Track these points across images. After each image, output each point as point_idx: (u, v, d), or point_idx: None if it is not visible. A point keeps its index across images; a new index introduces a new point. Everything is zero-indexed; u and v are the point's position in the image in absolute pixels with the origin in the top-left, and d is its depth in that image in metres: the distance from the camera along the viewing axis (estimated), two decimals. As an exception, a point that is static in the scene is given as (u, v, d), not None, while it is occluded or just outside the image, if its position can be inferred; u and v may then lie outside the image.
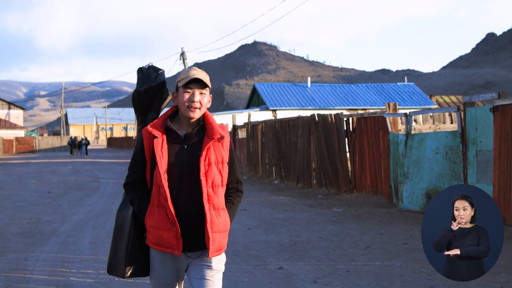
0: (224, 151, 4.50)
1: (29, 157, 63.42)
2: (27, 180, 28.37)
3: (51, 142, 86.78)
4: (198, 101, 4.42)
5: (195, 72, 4.45)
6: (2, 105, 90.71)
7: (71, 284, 8.32)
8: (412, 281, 8.38)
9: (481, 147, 13.62)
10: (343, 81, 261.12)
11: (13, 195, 21.10)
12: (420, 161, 15.48)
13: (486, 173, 13.43)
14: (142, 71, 4.95)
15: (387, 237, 11.91)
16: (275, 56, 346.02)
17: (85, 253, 10.56)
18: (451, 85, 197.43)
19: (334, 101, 48.85)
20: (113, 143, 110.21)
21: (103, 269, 9.20)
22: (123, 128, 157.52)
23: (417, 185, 15.49)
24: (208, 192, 4.35)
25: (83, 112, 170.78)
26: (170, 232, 4.29)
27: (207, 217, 4.30)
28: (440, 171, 14.93)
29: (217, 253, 4.40)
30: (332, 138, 20.44)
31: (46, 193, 21.66)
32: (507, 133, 12.70)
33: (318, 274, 8.86)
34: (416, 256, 10.03)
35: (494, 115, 13.09)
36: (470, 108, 14.12)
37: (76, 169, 37.46)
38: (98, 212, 16.37)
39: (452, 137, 14.69)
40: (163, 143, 4.39)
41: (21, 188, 24.03)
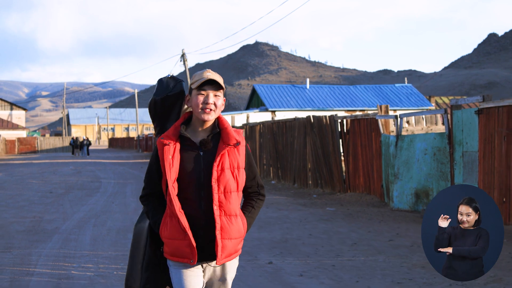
0: (240, 156, 4.44)
1: (31, 157, 63.93)
2: (29, 180, 28.89)
3: (53, 142, 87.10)
4: (212, 103, 4.39)
5: (209, 74, 4.40)
6: (4, 105, 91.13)
7: (72, 277, 8.87)
8: (393, 274, 8.92)
9: (467, 148, 14.16)
10: (345, 82, 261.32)
11: (16, 194, 21.64)
12: (410, 162, 16.02)
13: (472, 173, 13.97)
14: (161, 81, 4.85)
15: (374, 234, 12.46)
16: (277, 57, 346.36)
17: (86, 249, 11.10)
18: (452, 86, 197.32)
19: (332, 102, 49.38)
20: (115, 143, 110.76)
21: (103, 264, 9.78)
22: (124, 128, 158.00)
23: (407, 185, 16.03)
24: (219, 198, 4.31)
25: (84, 112, 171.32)
26: (183, 241, 4.25)
27: (217, 224, 4.27)
28: (429, 171, 15.47)
29: (226, 259, 4.36)
30: (326, 139, 20.96)
31: (48, 193, 22.18)
32: (491, 135, 13.24)
33: (305, 268, 9.40)
34: (399, 252, 10.57)
35: (479, 118, 13.63)
36: (457, 110, 14.67)
37: (77, 169, 37.96)
38: (99, 211, 16.88)
39: (440, 139, 15.23)
40: (175, 151, 4.34)
41: (23, 188, 24.56)
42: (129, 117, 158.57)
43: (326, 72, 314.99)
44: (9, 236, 12.62)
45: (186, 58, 52.66)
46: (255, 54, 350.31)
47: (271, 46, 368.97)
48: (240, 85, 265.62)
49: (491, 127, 13.25)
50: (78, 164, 44.74)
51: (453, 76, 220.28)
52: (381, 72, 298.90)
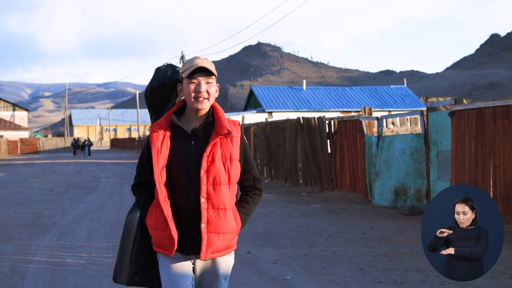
0: (233, 147, 4.33)
1: (33, 157, 64.87)
2: (31, 179, 29.82)
3: (55, 143, 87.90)
4: (205, 91, 4.28)
5: (199, 60, 4.29)
6: (6, 106, 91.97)
7: (66, 264, 9.79)
8: (358, 262, 9.82)
9: (441, 148, 15.06)
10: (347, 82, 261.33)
11: (17, 193, 22.55)
12: (390, 161, 16.92)
13: (445, 171, 14.87)
14: (159, 69, 4.74)
15: (350, 228, 13.36)
16: (279, 57, 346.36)
17: (81, 241, 12.02)
18: (454, 86, 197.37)
19: (328, 104, 50.26)
20: (116, 144, 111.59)
21: (95, 253, 10.70)
22: (127, 129, 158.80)
23: (387, 183, 16.93)
24: (208, 190, 4.21)
25: (87, 113, 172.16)
26: (164, 231, 4.16)
27: (203, 217, 4.17)
28: (407, 170, 16.37)
29: (214, 255, 4.26)
30: (315, 139, 21.86)
31: (48, 191, 23.08)
32: (462, 135, 14.15)
33: (280, 257, 10.30)
34: (369, 243, 11.48)
35: (452, 119, 14.54)
36: (432, 112, 15.57)
37: (78, 169, 38.87)
38: (96, 208, 17.78)
39: (417, 139, 16.13)
40: (165, 138, 4.26)
41: (25, 186, 25.46)
42: (131, 117, 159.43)
43: (328, 72, 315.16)
44: (10, 230, 13.53)
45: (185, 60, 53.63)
46: (257, 55, 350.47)
47: (273, 47, 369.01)
48: (242, 86, 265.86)
49: (462, 128, 14.16)
50: (79, 164, 45.64)
51: (455, 76, 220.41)
52: (383, 73, 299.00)
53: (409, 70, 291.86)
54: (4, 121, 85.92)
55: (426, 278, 8.57)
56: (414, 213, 15.38)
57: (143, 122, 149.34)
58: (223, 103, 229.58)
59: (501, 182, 12.99)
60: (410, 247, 11.01)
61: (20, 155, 75.73)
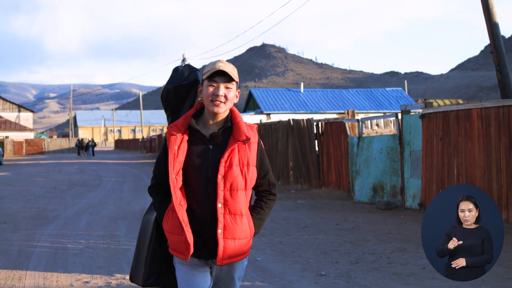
0: (251, 153, 4.30)
1: (38, 158, 66.11)
2: (36, 178, 31.18)
3: (60, 143, 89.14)
4: (223, 95, 4.24)
5: (221, 64, 4.26)
6: (12, 108, 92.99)
7: (67, 248, 11.15)
8: (324, 247, 11.13)
9: (413, 148, 16.35)
10: (352, 83, 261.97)
11: (23, 190, 23.92)
12: (369, 160, 18.21)
13: (417, 169, 16.16)
14: (176, 70, 4.75)
15: (326, 220, 14.68)
16: (284, 59, 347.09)
17: (81, 230, 13.37)
18: (459, 87, 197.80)
19: (325, 106, 51.54)
20: (121, 145, 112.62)
21: (93, 240, 12.05)
22: (131, 130, 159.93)
23: (366, 180, 18.22)
24: (225, 195, 4.19)
25: (91, 114, 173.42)
26: (180, 236, 4.15)
27: (219, 222, 4.15)
28: (383, 168, 17.65)
29: (230, 260, 4.24)
30: (304, 140, 23.15)
31: (52, 189, 24.43)
32: (431, 136, 15.44)
33: (257, 244, 11.59)
34: (339, 232, 12.79)
35: (422, 122, 15.84)
36: (406, 115, 16.85)
37: (81, 169, 40.18)
38: (96, 203, 19.10)
39: (392, 140, 17.41)
40: (182, 142, 4.24)
41: (30, 184, 26.83)
42: (136, 118, 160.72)
43: (333, 74, 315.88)
44: (17, 222, 14.87)
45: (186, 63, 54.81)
46: (262, 56, 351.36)
47: (278, 48, 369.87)
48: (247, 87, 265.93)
49: (431, 129, 15.46)
50: (82, 164, 46.98)
51: (459, 78, 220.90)
52: (387, 74, 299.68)
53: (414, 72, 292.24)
54: (10, 122, 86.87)
55: (378, 259, 9.90)
56: (389, 208, 16.65)
57: (147, 123, 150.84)
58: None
59: (463, 179, 14.27)
60: (374, 235, 12.29)
61: (25, 156, 76.93)
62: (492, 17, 15.40)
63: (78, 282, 8.53)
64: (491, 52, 15.63)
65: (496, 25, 15.47)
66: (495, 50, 15.44)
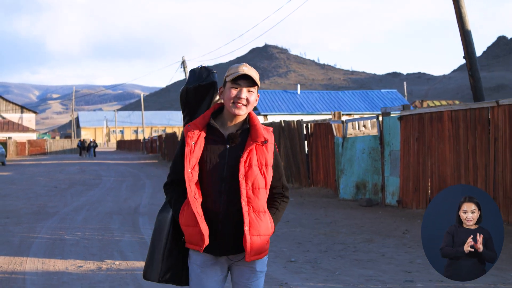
0: (268, 154, 4.38)
1: (40, 158, 67.08)
2: (37, 178, 32.21)
3: (62, 144, 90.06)
4: (245, 98, 4.33)
5: (245, 68, 4.35)
6: (15, 109, 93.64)
7: (64, 239, 12.20)
8: (299, 239, 12.13)
9: (393, 148, 17.36)
10: (354, 84, 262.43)
11: (25, 189, 24.97)
12: (352, 159, 19.22)
13: (396, 168, 17.17)
14: (194, 71, 4.81)
15: (308, 215, 15.70)
16: (286, 60, 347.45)
17: (78, 224, 14.41)
18: (461, 88, 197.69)
19: (321, 107, 52.62)
20: (122, 145, 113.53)
21: (88, 232, 13.10)
22: (133, 131, 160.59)
23: (350, 179, 19.23)
24: (248, 194, 4.28)
25: (94, 115, 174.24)
26: (195, 228, 4.23)
27: (245, 219, 4.22)
28: (366, 167, 18.66)
29: (255, 257, 4.30)
30: (295, 141, 24.17)
31: (53, 188, 25.46)
32: (408, 137, 16.46)
33: (239, 236, 12.62)
34: (316, 226, 13.82)
35: (400, 123, 16.86)
36: (386, 117, 17.87)
37: (82, 169, 41.19)
38: (94, 201, 20.12)
39: (374, 140, 18.42)
40: (199, 138, 4.34)
41: (32, 184, 27.86)
42: (138, 119, 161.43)
43: (335, 74, 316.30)
44: (19, 217, 15.91)
45: (186, 65, 55.92)
46: (264, 57, 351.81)
47: (280, 49, 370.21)
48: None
49: (408, 131, 16.48)
50: (83, 165, 47.99)
51: (461, 78, 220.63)
52: (390, 75, 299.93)
53: (416, 72, 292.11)
54: (13, 123, 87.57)
55: (345, 248, 10.95)
56: (371, 204, 17.65)
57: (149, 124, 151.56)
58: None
59: (436, 176, 15.29)
60: (348, 228, 13.31)
61: (28, 156, 77.82)
62: (465, 25, 16.39)
63: (73, 266, 9.59)
64: (464, 57, 16.59)
65: (468, 32, 16.45)
66: (468, 56, 16.42)
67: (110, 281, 8.61)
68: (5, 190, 24.37)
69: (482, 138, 13.70)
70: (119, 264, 9.82)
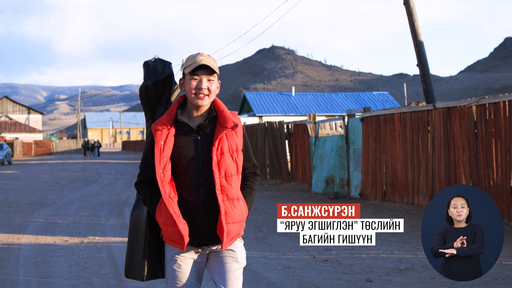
0: (238, 138, 4.41)
1: (46, 158, 69.03)
2: (40, 175, 34.23)
3: (68, 145, 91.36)
4: (206, 88, 4.30)
5: (202, 58, 4.30)
6: (22, 110, 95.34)
7: (57, 223, 14.27)
8: (261, 225, 14.03)
9: (356, 146, 19.32)
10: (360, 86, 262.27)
11: (28, 184, 27.02)
12: (323, 157, 21.19)
13: (358, 164, 19.14)
14: (148, 65, 4.76)
15: (275, 206, 17.65)
16: (293, 61, 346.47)
17: (71, 212, 16.46)
18: (468, 89, 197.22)
19: (314, 108, 54.59)
20: (128, 146, 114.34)
21: (79, 218, 15.15)
22: (139, 132, 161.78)
23: (321, 174, 21.20)
24: (221, 182, 4.29)
25: (100, 116, 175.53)
26: (174, 228, 4.24)
27: (221, 209, 4.22)
28: (334, 164, 20.62)
29: (230, 243, 4.35)
30: (277, 140, 26.14)
31: (54, 184, 27.48)
32: (368, 136, 18.44)
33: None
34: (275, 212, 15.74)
35: (362, 124, 18.83)
36: (351, 118, 19.84)
37: (84, 167, 43.13)
38: (90, 195, 22.12)
39: (341, 139, 20.39)
40: (168, 136, 4.31)
41: (35, 180, 29.91)
42: (143, 120, 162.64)
43: (342, 76, 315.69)
44: (19, 206, 17.97)
45: (186, 68, 57.72)
46: (271, 58, 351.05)
47: (287, 50, 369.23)
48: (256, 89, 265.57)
49: (368, 130, 18.46)
50: (86, 164, 50.02)
51: (468, 80, 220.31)
52: (396, 76, 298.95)
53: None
54: (20, 124, 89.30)
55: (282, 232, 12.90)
56: (338, 197, 19.59)
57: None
58: (237, 106, 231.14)
59: (389, 171, 17.27)
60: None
61: (34, 156, 79.58)
62: (418, 36, 18.36)
63: (60, 241, 11.67)
64: (417, 65, 18.55)
65: (421, 43, 18.42)
66: (420, 64, 18.38)
67: (88, 250, 10.69)
68: (9, 185, 26.43)
69: (423, 137, 15.69)
70: (98, 239, 11.88)
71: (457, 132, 14.39)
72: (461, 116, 14.24)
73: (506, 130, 12.75)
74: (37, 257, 10.21)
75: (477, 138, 13.72)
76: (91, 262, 9.79)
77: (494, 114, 13.15)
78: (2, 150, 49.80)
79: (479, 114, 13.66)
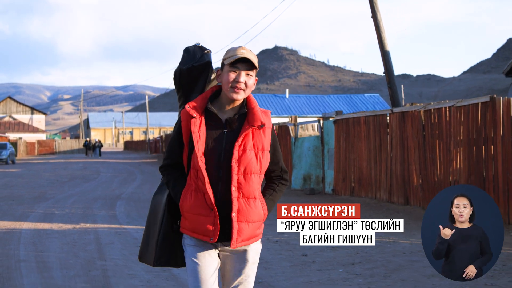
0: (265, 138, 4.27)
1: (48, 158, 70.66)
2: (42, 173, 36.02)
3: (70, 144, 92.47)
4: (243, 82, 4.19)
5: (243, 51, 4.19)
6: (25, 110, 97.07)
7: (54, 213, 16.17)
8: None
9: (330, 146, 21.13)
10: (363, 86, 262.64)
11: (30, 181, 28.86)
12: (301, 156, 22.99)
13: (332, 162, 20.94)
14: (188, 50, 4.68)
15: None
16: (296, 61, 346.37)
17: (68, 205, 18.32)
18: (471, 90, 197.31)
19: (307, 110, 56.42)
20: (130, 146, 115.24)
21: (74, 209, 17.02)
22: (142, 132, 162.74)
23: (299, 172, 23.00)
24: (239, 179, 4.16)
25: (104, 116, 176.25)
26: (207, 217, 4.12)
27: (234, 206, 4.12)
28: (311, 162, 22.41)
29: (243, 243, 4.21)
30: (263, 140, 27.91)
31: (55, 181, 29.28)
32: (339, 137, 20.24)
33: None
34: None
35: (335, 126, 20.64)
36: (325, 121, 21.64)
37: (85, 166, 44.86)
38: (87, 191, 23.91)
39: (317, 140, 22.18)
40: (201, 124, 4.21)
41: (37, 177, 31.72)
42: (145, 121, 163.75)
43: (345, 76, 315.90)
44: (22, 200, 19.83)
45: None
46: (274, 59, 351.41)
47: (290, 51, 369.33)
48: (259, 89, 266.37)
49: (339, 132, 20.27)
50: (87, 163, 51.63)
51: (471, 80, 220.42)
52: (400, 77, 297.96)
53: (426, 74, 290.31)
54: (23, 124, 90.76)
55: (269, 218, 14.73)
56: (313, 193, 21.38)
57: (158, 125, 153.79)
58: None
59: (356, 169, 19.09)
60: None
61: (37, 156, 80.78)
62: (384, 46, 20.14)
63: (55, 227, 13.57)
64: (384, 72, 20.32)
65: (387, 52, 20.20)
66: (387, 71, 20.14)
67: (79, 234, 12.59)
68: (13, 182, 28.32)
69: (384, 138, 17.52)
70: (88, 226, 13.78)
71: (410, 134, 16.22)
72: (413, 119, 16.08)
73: (447, 132, 14.60)
74: (35, 238, 12.07)
75: (425, 139, 15.57)
76: (80, 241, 11.66)
77: (438, 118, 15.02)
78: (5, 150, 51.18)
79: (426, 118, 15.53)
